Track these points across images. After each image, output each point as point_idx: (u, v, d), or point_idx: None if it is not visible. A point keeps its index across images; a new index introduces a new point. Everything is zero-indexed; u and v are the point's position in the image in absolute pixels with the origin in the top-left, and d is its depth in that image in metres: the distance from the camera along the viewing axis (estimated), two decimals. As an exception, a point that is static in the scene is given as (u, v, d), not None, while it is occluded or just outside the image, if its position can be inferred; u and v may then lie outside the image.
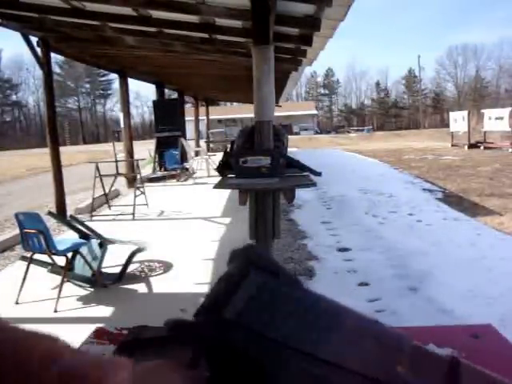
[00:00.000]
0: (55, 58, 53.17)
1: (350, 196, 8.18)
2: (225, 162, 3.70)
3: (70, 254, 3.68)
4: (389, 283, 3.79)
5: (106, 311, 3.35)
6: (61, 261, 3.59)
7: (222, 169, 3.69)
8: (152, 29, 5.65)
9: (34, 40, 6.41)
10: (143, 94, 71.99)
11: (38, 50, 6.48)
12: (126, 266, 3.97)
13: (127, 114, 10.57)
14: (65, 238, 4.62)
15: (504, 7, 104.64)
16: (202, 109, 21.83)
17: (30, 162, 21.42)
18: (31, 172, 17.58)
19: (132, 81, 11.40)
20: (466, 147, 19.40)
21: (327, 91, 76.93)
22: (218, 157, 5.17)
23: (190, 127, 17.09)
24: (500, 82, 67.31)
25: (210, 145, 20.45)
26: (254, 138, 3.59)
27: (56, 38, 6.52)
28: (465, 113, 21.13)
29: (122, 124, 11.49)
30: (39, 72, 6.75)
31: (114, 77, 49.59)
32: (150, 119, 64.67)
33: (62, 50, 7.61)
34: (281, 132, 3.88)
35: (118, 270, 3.98)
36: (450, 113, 24.73)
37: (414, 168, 12.90)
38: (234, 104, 46.39)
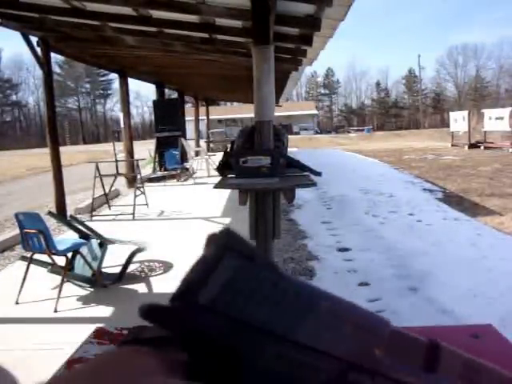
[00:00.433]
0: (55, 57, 53.22)
1: (350, 196, 8.18)
2: (225, 162, 3.69)
3: (70, 254, 3.67)
4: (389, 283, 3.79)
5: (106, 311, 3.35)
6: (61, 261, 3.58)
7: (222, 169, 3.69)
8: (152, 29, 5.65)
9: (34, 40, 6.40)
10: (143, 94, 72.13)
11: (38, 50, 6.47)
12: (126, 265, 3.97)
13: (127, 114, 10.56)
14: (65, 238, 4.62)
15: (504, 7, 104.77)
16: (202, 109, 21.82)
17: (30, 162, 21.42)
18: (31, 172, 17.58)
19: (132, 81, 11.42)
20: (466, 147, 19.40)
21: (327, 91, 76.90)
22: (218, 157, 5.16)
23: (190, 127, 17.07)
24: (500, 82, 67.40)
25: (210, 145, 20.45)
26: (254, 137, 3.59)
27: (56, 37, 6.52)
28: (465, 113, 21.13)
29: (122, 124, 11.47)
30: (39, 72, 6.74)
31: (114, 77, 49.64)
32: (150, 119, 64.73)
33: (62, 50, 7.61)
34: (281, 132, 3.88)
35: (118, 270, 3.98)
36: (450, 113, 24.72)
37: (414, 168, 12.90)
38: (234, 104, 46.37)
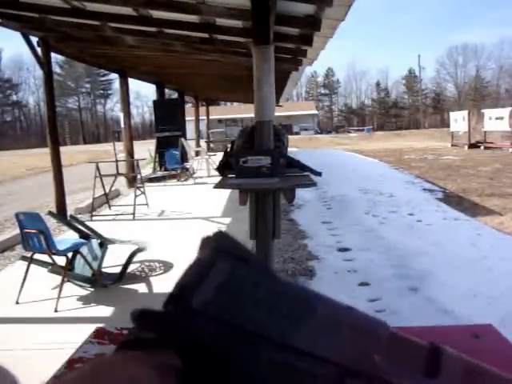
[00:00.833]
0: (55, 57, 53.25)
1: (351, 196, 8.17)
2: (225, 162, 3.69)
3: (70, 254, 3.67)
4: (389, 283, 3.79)
5: (106, 311, 3.35)
6: (61, 261, 3.58)
7: (222, 169, 3.69)
8: (152, 29, 5.65)
9: (34, 40, 6.40)
10: (143, 94, 72.25)
11: (39, 50, 6.47)
12: (126, 265, 3.97)
13: (127, 114, 10.56)
14: (65, 237, 4.62)
15: (504, 7, 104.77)
16: (202, 109, 21.81)
17: (30, 162, 21.42)
18: (31, 172, 17.58)
19: (132, 81, 11.40)
20: (466, 147, 19.39)
21: (327, 91, 76.92)
22: (218, 157, 5.17)
23: (190, 127, 17.07)
24: (500, 81, 67.41)
25: (211, 145, 20.45)
26: (254, 137, 3.59)
27: (56, 37, 6.52)
28: (465, 113, 21.11)
29: (122, 124, 11.48)
30: (39, 72, 6.74)
31: (114, 77, 49.59)
32: (150, 119, 64.77)
33: (62, 50, 7.61)
34: (281, 132, 3.87)
35: (118, 269, 3.98)
36: (450, 113, 24.71)
37: (414, 168, 12.90)
38: (234, 104, 46.37)
